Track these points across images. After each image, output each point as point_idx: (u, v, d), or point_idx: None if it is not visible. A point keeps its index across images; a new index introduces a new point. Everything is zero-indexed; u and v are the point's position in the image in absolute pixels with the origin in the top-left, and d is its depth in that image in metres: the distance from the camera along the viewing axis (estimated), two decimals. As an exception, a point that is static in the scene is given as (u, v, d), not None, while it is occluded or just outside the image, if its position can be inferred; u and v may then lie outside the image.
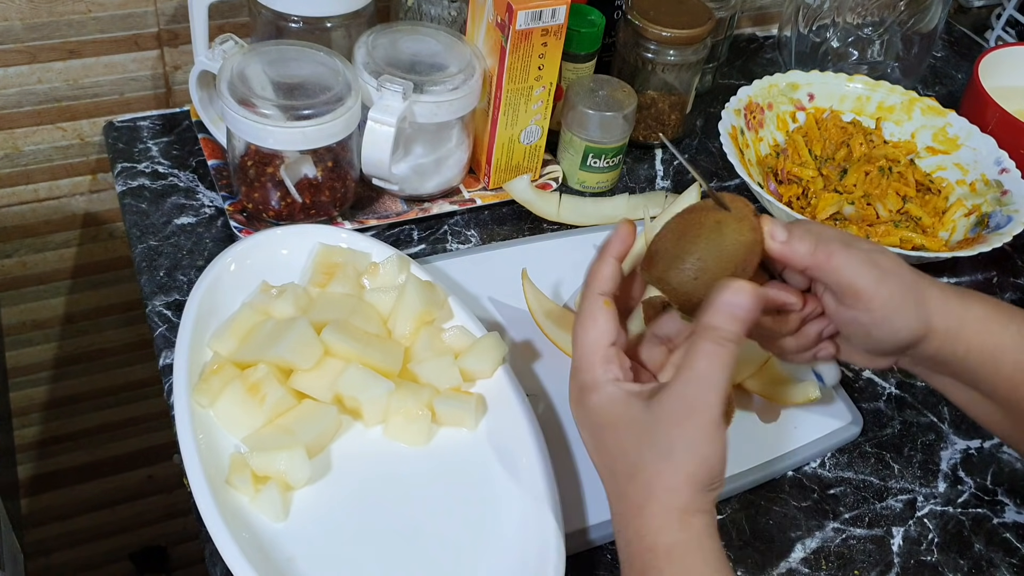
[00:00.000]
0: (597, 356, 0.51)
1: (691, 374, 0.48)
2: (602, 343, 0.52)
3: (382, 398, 0.61)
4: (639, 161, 0.93)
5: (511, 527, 0.59)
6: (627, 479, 0.50)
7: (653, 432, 0.48)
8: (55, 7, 0.80)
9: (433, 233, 0.81)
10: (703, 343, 0.48)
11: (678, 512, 0.48)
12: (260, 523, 0.56)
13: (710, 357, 0.48)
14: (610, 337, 0.52)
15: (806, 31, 1.00)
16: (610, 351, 0.52)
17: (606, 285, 0.53)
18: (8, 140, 0.86)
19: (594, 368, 0.51)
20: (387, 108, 0.73)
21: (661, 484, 0.48)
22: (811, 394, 0.68)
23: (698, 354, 0.48)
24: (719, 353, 0.48)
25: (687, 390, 0.48)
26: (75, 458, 1.16)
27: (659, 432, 0.48)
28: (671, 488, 0.48)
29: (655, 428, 0.48)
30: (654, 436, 0.48)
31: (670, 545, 0.48)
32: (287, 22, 0.77)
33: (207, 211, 0.80)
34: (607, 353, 0.51)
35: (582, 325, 0.52)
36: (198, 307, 0.64)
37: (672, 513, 0.48)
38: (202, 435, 0.58)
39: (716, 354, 0.48)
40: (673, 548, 0.48)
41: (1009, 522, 0.67)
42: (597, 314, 0.52)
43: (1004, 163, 0.85)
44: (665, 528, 0.48)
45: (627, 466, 0.49)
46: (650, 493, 0.48)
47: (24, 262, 0.95)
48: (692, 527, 0.48)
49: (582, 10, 0.85)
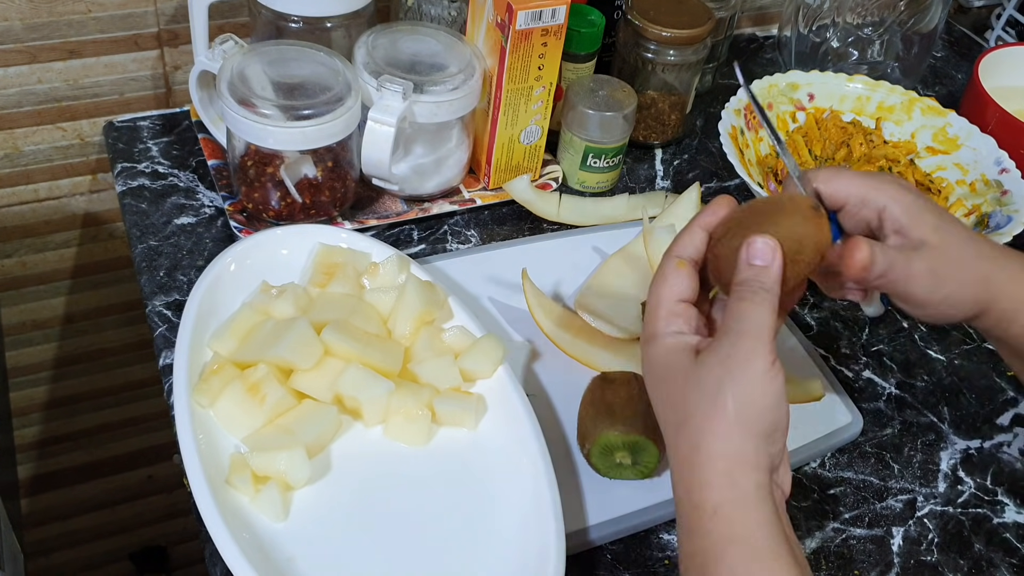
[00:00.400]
0: (662, 309, 0.52)
1: (730, 317, 0.49)
2: (668, 298, 0.52)
3: (382, 398, 0.61)
4: (639, 161, 0.93)
5: (511, 527, 0.59)
6: (677, 429, 0.49)
7: (701, 377, 0.48)
8: (55, 7, 0.80)
9: (433, 233, 0.81)
10: (735, 299, 0.49)
11: (725, 462, 0.46)
12: (260, 523, 0.56)
13: (746, 304, 0.49)
14: (678, 293, 0.52)
15: (806, 31, 1.00)
16: (677, 306, 0.52)
17: (684, 250, 0.54)
18: (8, 140, 0.86)
19: (657, 321, 0.52)
20: (387, 108, 0.73)
21: (708, 428, 0.47)
22: (815, 392, 0.68)
23: (734, 307, 0.49)
24: (754, 300, 0.49)
25: (729, 328, 0.49)
26: (75, 458, 1.16)
27: (707, 376, 0.48)
28: (718, 432, 0.47)
29: (703, 373, 0.48)
30: (702, 381, 0.48)
31: (717, 504, 0.46)
32: (287, 22, 0.77)
33: (207, 211, 0.80)
34: (673, 308, 0.52)
35: (655, 283, 0.53)
36: (198, 307, 0.64)
37: (718, 463, 0.47)
38: (202, 435, 0.58)
39: (751, 301, 0.49)
40: (719, 508, 0.46)
41: (1009, 522, 0.67)
42: (668, 273, 0.53)
43: (1004, 163, 0.85)
44: (712, 483, 0.47)
45: (676, 413, 0.49)
46: (699, 441, 0.47)
47: (24, 262, 0.95)
48: (740, 486, 0.46)
49: (582, 10, 0.85)
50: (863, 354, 0.77)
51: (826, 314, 0.80)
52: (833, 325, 0.79)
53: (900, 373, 0.76)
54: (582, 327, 0.70)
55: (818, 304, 0.81)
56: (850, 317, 0.80)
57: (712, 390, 0.47)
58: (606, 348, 0.70)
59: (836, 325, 0.79)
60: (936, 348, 0.79)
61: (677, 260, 0.53)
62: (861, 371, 0.76)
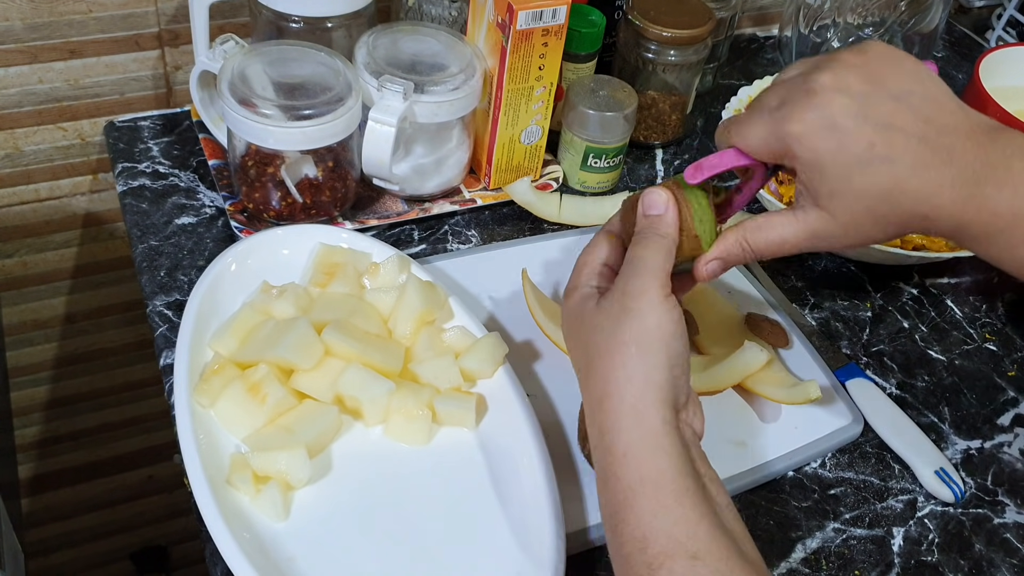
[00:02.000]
0: (586, 269, 0.57)
1: (626, 268, 0.53)
2: (593, 261, 0.58)
3: (382, 398, 0.61)
4: (640, 161, 0.93)
5: (511, 527, 0.59)
6: (586, 372, 0.52)
7: (602, 319, 0.52)
8: (56, 7, 0.80)
9: (433, 233, 0.81)
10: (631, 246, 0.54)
11: (632, 399, 0.48)
12: (260, 523, 0.56)
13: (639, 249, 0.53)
14: (603, 258, 0.58)
15: (807, 31, 1.00)
16: (598, 267, 0.57)
17: (613, 227, 0.60)
18: (9, 140, 0.87)
19: (579, 276, 0.57)
20: (388, 108, 0.73)
21: (612, 365, 0.49)
22: (812, 394, 0.68)
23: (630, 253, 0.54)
24: (647, 244, 0.53)
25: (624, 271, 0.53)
26: (75, 458, 1.17)
27: (606, 317, 0.51)
28: (622, 365, 0.49)
29: (602, 315, 0.52)
30: (603, 323, 0.51)
31: (626, 447, 0.47)
32: (288, 22, 0.77)
33: (208, 211, 0.80)
34: (594, 267, 0.57)
35: (585, 250, 0.59)
36: (199, 307, 0.64)
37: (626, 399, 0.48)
38: (203, 435, 0.58)
39: (644, 245, 0.53)
40: (629, 451, 0.47)
41: (1009, 522, 0.67)
42: (599, 240, 0.59)
43: (1004, 163, 0.85)
44: (622, 424, 0.48)
45: (586, 357, 0.52)
46: (606, 378, 0.49)
47: (25, 262, 0.95)
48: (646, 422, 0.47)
49: (582, 10, 0.85)
50: (863, 354, 0.77)
51: (826, 314, 0.80)
52: (833, 325, 0.79)
53: (900, 373, 0.76)
54: (582, 327, 0.70)
55: (818, 304, 0.81)
56: (850, 317, 0.80)
57: (611, 326, 0.50)
58: (606, 348, 0.70)
59: (836, 325, 0.79)
60: (936, 348, 0.79)
61: (608, 234, 0.59)
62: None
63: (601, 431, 0.49)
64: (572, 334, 0.55)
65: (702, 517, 0.46)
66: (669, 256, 0.53)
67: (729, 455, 0.66)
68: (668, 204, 0.54)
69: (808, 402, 0.68)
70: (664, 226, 0.54)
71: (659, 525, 0.45)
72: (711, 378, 0.69)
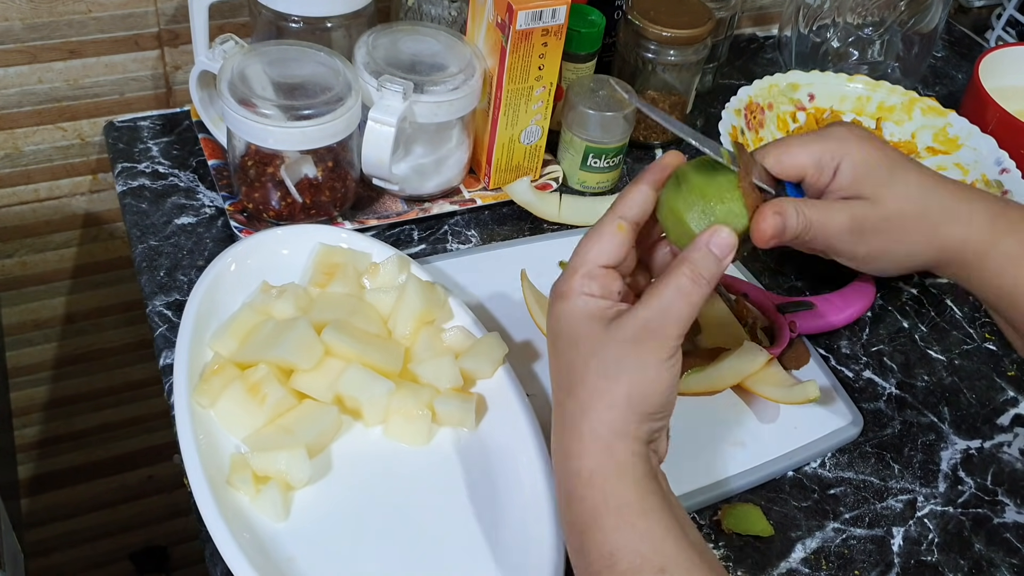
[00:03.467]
0: (583, 269, 0.52)
1: (656, 302, 0.49)
2: (594, 260, 0.52)
3: (382, 398, 0.61)
4: (639, 161, 0.93)
5: (511, 527, 0.59)
6: (567, 393, 0.50)
7: (604, 350, 0.49)
8: (55, 7, 0.80)
9: (433, 233, 0.81)
10: (677, 276, 0.49)
11: (607, 435, 0.47)
12: (260, 523, 0.56)
13: (680, 291, 0.49)
14: (606, 258, 0.52)
15: (806, 31, 1.00)
16: (598, 270, 0.52)
17: (629, 210, 0.53)
18: (8, 140, 0.86)
19: (573, 278, 0.51)
20: (387, 108, 0.73)
21: (599, 403, 0.48)
22: (811, 394, 0.68)
23: (669, 285, 0.49)
24: (689, 289, 0.49)
25: (648, 315, 0.48)
26: (75, 458, 1.16)
27: (609, 350, 0.48)
28: (606, 407, 0.48)
29: (607, 346, 0.49)
30: (603, 353, 0.49)
31: (592, 470, 0.47)
32: (287, 22, 0.77)
33: (207, 211, 0.80)
34: (592, 270, 0.51)
35: (588, 238, 0.53)
36: (198, 307, 0.64)
37: (601, 435, 0.47)
38: (202, 435, 0.58)
39: (686, 289, 0.49)
40: (595, 474, 0.47)
41: (1009, 522, 0.67)
42: (604, 232, 0.52)
43: (1004, 163, 0.85)
44: (591, 451, 0.48)
45: (571, 380, 0.50)
46: (585, 410, 0.48)
47: (24, 262, 0.95)
48: (616, 453, 0.47)
49: (582, 10, 0.85)
50: (863, 354, 0.77)
51: (826, 314, 0.80)
52: (833, 325, 0.79)
53: (900, 373, 0.76)
54: (582, 327, 0.70)
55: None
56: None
57: (612, 369, 0.48)
58: (606, 348, 0.70)
59: (836, 325, 0.79)
60: (936, 348, 0.79)
61: (620, 221, 0.52)
62: (861, 371, 0.76)
63: (567, 453, 0.49)
64: (558, 345, 0.52)
65: (667, 531, 0.46)
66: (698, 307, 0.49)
67: (729, 455, 0.66)
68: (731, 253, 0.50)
69: (807, 402, 0.68)
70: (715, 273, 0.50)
71: (625, 541, 0.46)
72: (710, 378, 0.69)
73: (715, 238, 0.50)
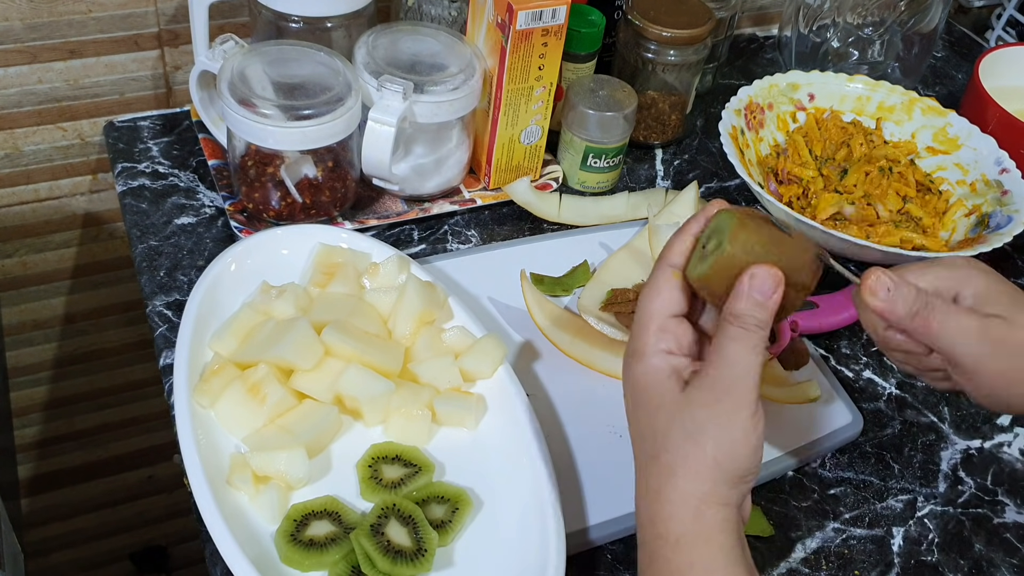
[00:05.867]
0: (653, 324, 0.50)
1: (721, 360, 0.48)
2: (662, 312, 0.50)
3: (382, 398, 0.61)
4: (639, 161, 0.93)
5: (511, 527, 0.59)
6: (651, 458, 0.49)
7: (684, 414, 0.48)
8: (55, 7, 0.80)
9: (433, 233, 0.81)
10: (729, 328, 0.48)
11: (696, 501, 0.47)
12: (260, 523, 0.56)
13: (737, 341, 0.48)
14: (672, 308, 0.50)
15: (806, 31, 1.00)
16: (669, 322, 0.50)
17: (678, 259, 0.51)
18: (8, 140, 0.86)
19: (646, 335, 0.50)
20: (387, 108, 0.73)
21: (684, 468, 0.47)
22: (811, 394, 0.68)
23: (725, 339, 0.48)
24: (746, 337, 0.47)
25: (720, 374, 0.47)
26: (75, 458, 1.16)
27: (689, 414, 0.47)
28: (693, 473, 0.47)
29: (686, 410, 0.48)
30: (684, 418, 0.47)
31: (679, 535, 0.47)
32: (287, 22, 0.77)
33: (207, 211, 0.80)
34: (664, 323, 0.50)
35: (646, 295, 0.51)
36: (198, 307, 0.64)
37: (689, 501, 0.47)
38: (202, 435, 0.58)
39: (743, 338, 0.47)
40: (682, 538, 0.46)
41: (1009, 522, 0.67)
42: (662, 285, 0.51)
43: (1004, 163, 0.85)
44: (677, 516, 0.47)
45: (654, 445, 0.49)
46: (671, 476, 0.47)
47: (24, 262, 0.95)
48: (706, 519, 0.46)
49: (582, 10, 0.85)
50: (863, 354, 0.77)
51: (826, 314, 0.80)
52: (833, 325, 0.79)
53: (900, 373, 0.76)
54: (581, 328, 0.70)
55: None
56: (850, 317, 0.80)
57: (694, 432, 0.47)
58: (605, 349, 0.70)
59: (836, 325, 0.79)
60: (936, 348, 0.79)
61: (672, 270, 0.51)
62: (861, 371, 0.76)
63: (653, 518, 0.48)
64: (639, 409, 0.50)
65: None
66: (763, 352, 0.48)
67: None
68: (778, 289, 0.48)
69: (807, 402, 0.68)
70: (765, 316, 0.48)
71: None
72: (711, 378, 0.69)
73: (754, 282, 0.48)
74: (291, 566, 0.54)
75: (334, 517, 0.57)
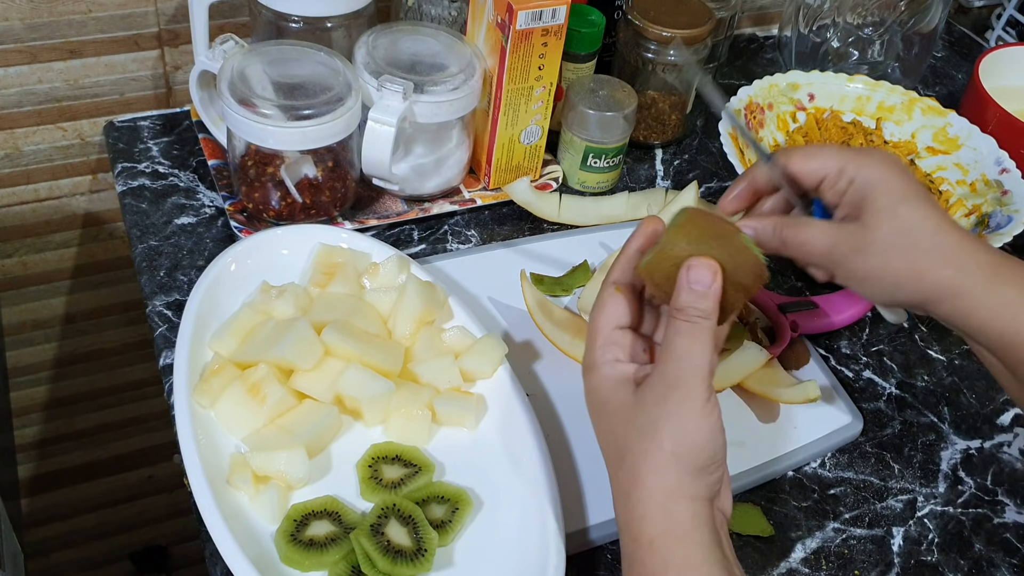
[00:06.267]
0: (600, 338, 0.52)
1: (669, 355, 0.49)
2: (607, 325, 0.52)
3: (382, 398, 0.61)
4: (639, 161, 0.93)
5: (511, 527, 0.59)
6: (617, 464, 0.50)
7: (637, 414, 0.49)
8: (55, 7, 0.80)
9: (433, 233, 0.81)
10: (675, 323, 0.49)
11: (662, 497, 0.47)
12: (260, 523, 0.56)
13: (684, 335, 0.49)
14: (615, 320, 0.52)
15: (806, 31, 1.00)
16: (613, 334, 0.52)
17: (623, 275, 0.54)
18: (8, 140, 0.86)
19: (594, 348, 0.52)
20: (387, 108, 0.73)
21: (645, 466, 0.48)
22: (811, 394, 0.68)
23: (672, 334, 0.49)
24: (692, 330, 0.49)
25: (667, 369, 0.49)
26: (75, 458, 1.16)
27: (642, 412, 0.49)
28: (654, 470, 0.47)
29: (639, 409, 0.49)
30: (638, 417, 0.49)
31: (652, 536, 0.47)
32: (287, 22, 0.77)
33: (207, 211, 0.80)
34: (609, 335, 0.52)
35: (593, 312, 0.54)
36: (198, 307, 0.64)
37: (656, 497, 0.47)
38: (202, 435, 0.58)
39: (689, 332, 0.49)
40: (656, 539, 0.47)
41: (1009, 522, 0.67)
42: (606, 300, 0.53)
43: (1004, 163, 0.85)
44: (649, 516, 0.47)
45: (617, 450, 0.50)
46: (635, 477, 0.48)
47: (24, 262, 0.95)
48: (676, 516, 0.47)
49: (582, 10, 0.85)
50: (863, 354, 0.77)
51: (826, 314, 0.80)
52: (833, 325, 0.79)
53: (900, 373, 0.76)
54: (581, 327, 0.70)
55: (818, 304, 0.81)
56: (850, 317, 0.80)
57: (649, 430, 0.48)
58: (606, 348, 0.70)
59: (836, 325, 0.79)
60: (936, 348, 0.79)
61: (614, 286, 0.53)
62: (861, 371, 0.76)
63: (627, 520, 0.48)
64: (599, 419, 0.52)
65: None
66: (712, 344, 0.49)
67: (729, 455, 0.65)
68: (715, 277, 0.49)
69: (807, 402, 0.68)
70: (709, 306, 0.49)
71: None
72: (711, 378, 0.69)
73: (691, 274, 0.49)
74: (291, 566, 0.54)
75: (334, 517, 0.57)
